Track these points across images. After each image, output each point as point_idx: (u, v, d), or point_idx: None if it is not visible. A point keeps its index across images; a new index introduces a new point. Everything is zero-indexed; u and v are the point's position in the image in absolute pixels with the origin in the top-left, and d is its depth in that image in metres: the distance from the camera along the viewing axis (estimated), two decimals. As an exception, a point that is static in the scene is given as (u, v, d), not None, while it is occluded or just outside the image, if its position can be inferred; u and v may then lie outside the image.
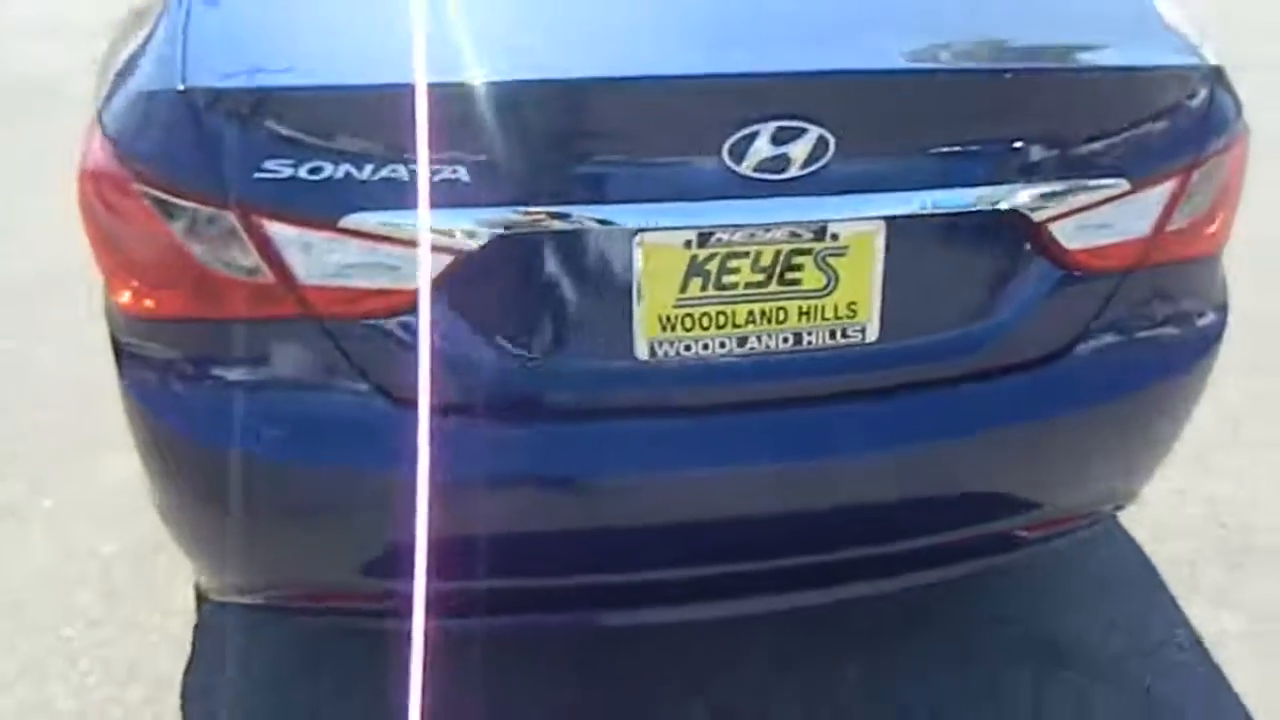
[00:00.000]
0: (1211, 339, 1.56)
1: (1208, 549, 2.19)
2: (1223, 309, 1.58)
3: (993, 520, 1.54)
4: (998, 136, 1.33)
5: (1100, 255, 1.42)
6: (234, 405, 1.32)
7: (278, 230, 1.23)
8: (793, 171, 1.26)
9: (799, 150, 1.25)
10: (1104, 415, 1.49)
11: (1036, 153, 1.34)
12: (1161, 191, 1.42)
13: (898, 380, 1.42)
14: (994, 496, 1.51)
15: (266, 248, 1.24)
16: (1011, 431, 1.45)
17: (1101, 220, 1.39)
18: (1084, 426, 1.49)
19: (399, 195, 1.21)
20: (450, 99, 1.21)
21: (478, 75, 1.21)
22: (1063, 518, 1.61)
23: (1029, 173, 1.34)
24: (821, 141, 1.24)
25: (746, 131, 1.23)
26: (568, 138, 1.25)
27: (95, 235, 1.33)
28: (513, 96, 1.22)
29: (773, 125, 1.23)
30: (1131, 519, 2.15)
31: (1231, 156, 1.48)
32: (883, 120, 1.28)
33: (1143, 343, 1.51)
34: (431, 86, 1.20)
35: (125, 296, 1.33)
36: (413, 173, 1.21)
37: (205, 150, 1.22)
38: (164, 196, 1.24)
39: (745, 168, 1.25)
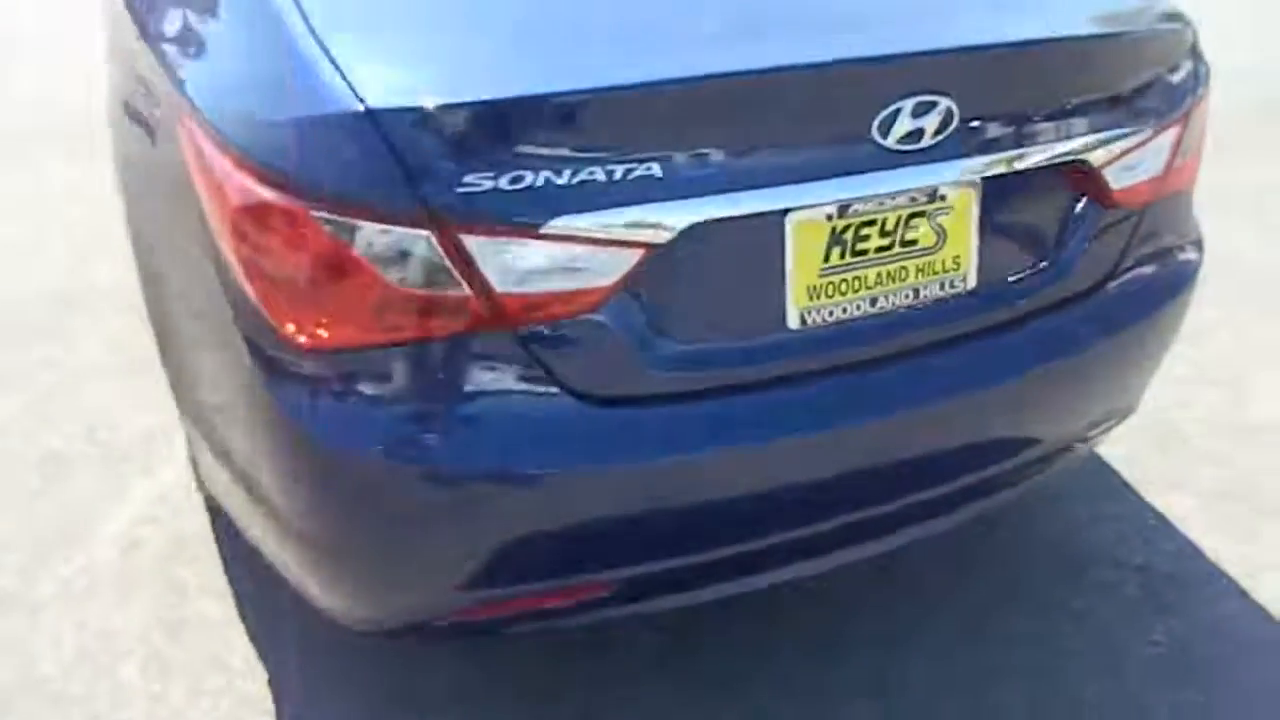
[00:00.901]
0: (1200, 259, 1.84)
1: (1142, 444, 2.53)
2: (1200, 239, 1.87)
3: (1061, 435, 1.76)
4: (1066, 97, 1.53)
5: (1132, 193, 1.65)
6: (427, 425, 1.31)
7: (477, 243, 1.24)
8: (925, 141, 1.40)
9: (931, 122, 1.39)
10: (1139, 332, 1.73)
11: (1093, 109, 1.55)
12: (1171, 134, 1.67)
13: (991, 322, 1.60)
14: (1066, 413, 1.72)
15: (463, 262, 1.25)
16: (1080, 355, 1.66)
17: (1135, 162, 1.62)
18: (1126, 343, 1.72)
19: (598, 197, 1.26)
20: (629, 103, 1.27)
21: (651, 77, 1.28)
22: (1100, 427, 1.85)
23: (1089, 127, 1.55)
24: (948, 112, 1.40)
25: (893, 107, 1.36)
26: (733, 130, 1.33)
27: (257, 272, 1.28)
28: (684, 96, 1.29)
29: (913, 100, 1.37)
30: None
31: (1206, 103, 1.76)
32: (988, 89, 1.45)
33: (1160, 266, 1.76)
34: (616, 89, 1.26)
35: (295, 329, 1.28)
36: (610, 173, 1.26)
37: (396, 170, 1.21)
38: (351, 222, 1.22)
39: (890, 141, 1.38)
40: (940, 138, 1.41)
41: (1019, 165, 1.51)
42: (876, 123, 1.36)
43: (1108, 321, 1.69)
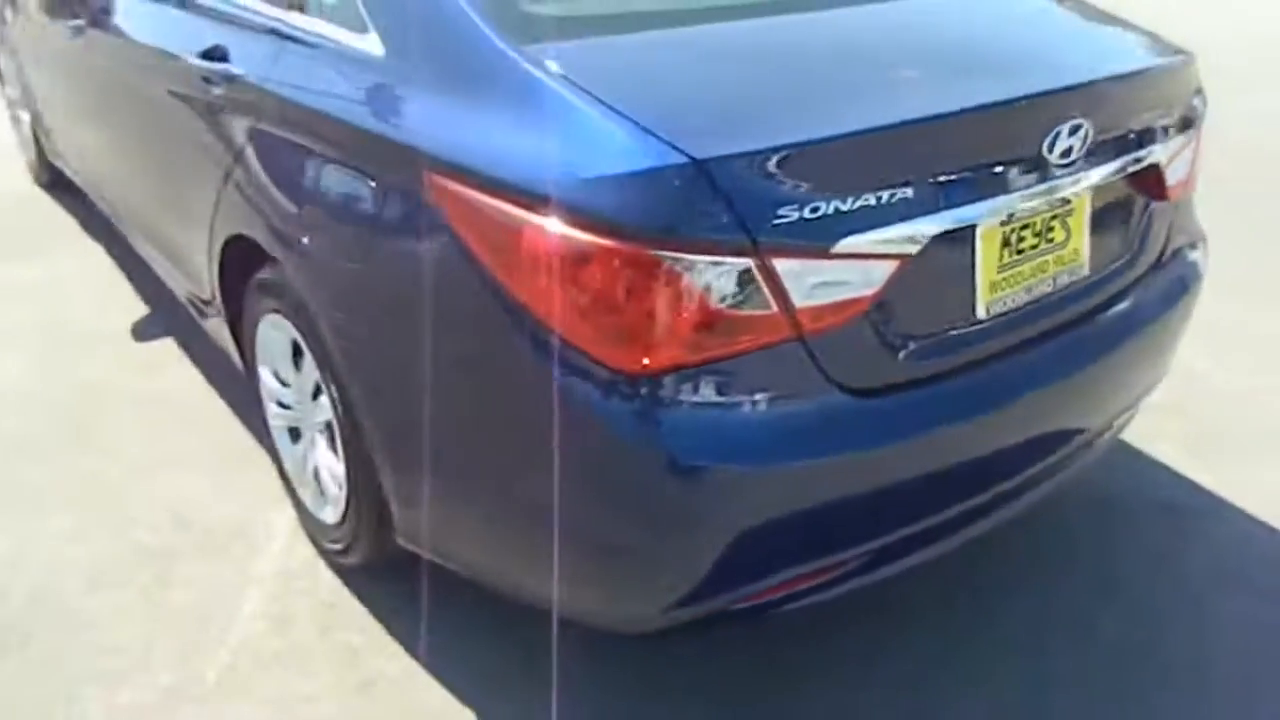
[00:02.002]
0: (1206, 246, 2.27)
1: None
2: (1202, 230, 2.30)
3: (1139, 395, 2.12)
4: (1149, 114, 1.91)
5: (1175, 190, 2.05)
6: (743, 428, 1.51)
7: (784, 266, 1.46)
8: (1071, 157, 1.73)
9: (1077, 140, 1.72)
10: (1183, 303, 2.12)
11: (1162, 123, 1.94)
12: (1194, 144, 2.09)
13: (1099, 300, 1.94)
14: (1143, 380, 2.09)
15: (775, 284, 1.47)
16: (1155, 324, 2.03)
17: (1179, 165, 2.02)
18: (1178, 313, 2.11)
19: (871, 218, 1.51)
20: (888, 139, 1.53)
21: (900, 119, 1.55)
22: (1154, 388, 2.23)
23: (1160, 137, 1.93)
24: (1086, 132, 1.73)
25: (1056, 130, 1.68)
26: (954, 155, 1.61)
27: (581, 311, 1.45)
28: (926, 131, 1.57)
29: (1069, 123, 1.69)
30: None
31: None
32: (1107, 111, 1.79)
33: (1189, 250, 2.18)
34: (878, 129, 1.52)
35: (625, 358, 1.45)
36: (878, 197, 1.51)
37: (722, 209, 1.42)
38: (686, 258, 1.42)
39: (1053, 157, 1.70)
40: (1080, 153, 1.74)
41: (1122, 170, 1.87)
42: (1046, 143, 1.68)
43: (1167, 296, 2.08)
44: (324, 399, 2.08)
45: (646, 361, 1.46)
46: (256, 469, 2.64)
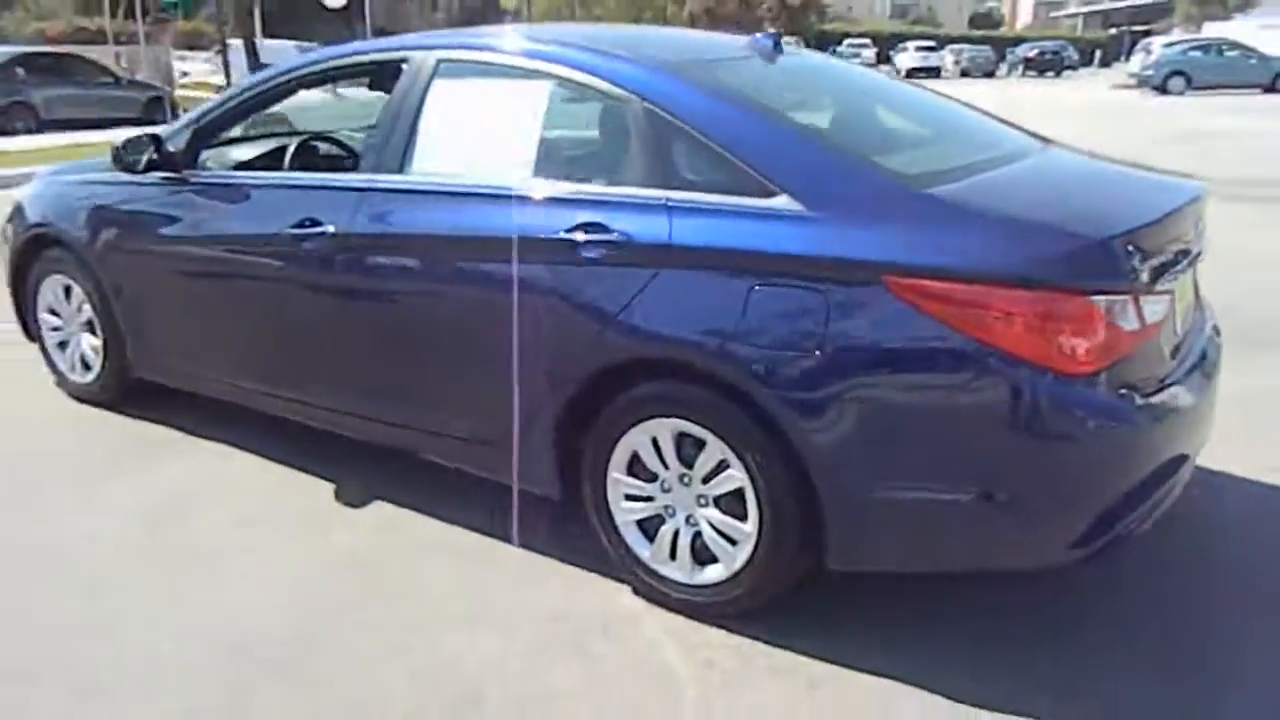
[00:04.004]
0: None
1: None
2: None
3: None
4: (1203, 215, 3.11)
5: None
6: (1131, 403, 2.46)
7: (1144, 300, 2.47)
8: (1200, 238, 2.88)
9: (1201, 228, 2.88)
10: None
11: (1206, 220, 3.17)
12: (1201, 232, 3.35)
13: (1203, 330, 3.08)
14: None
15: (1139, 311, 2.45)
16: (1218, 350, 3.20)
17: (1202, 247, 3.27)
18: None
19: (1163, 270, 2.56)
20: (1165, 223, 2.61)
21: (1162, 212, 2.66)
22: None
23: (1205, 230, 3.15)
24: (1202, 224, 2.89)
25: (1198, 221, 2.83)
26: (1176, 232, 2.71)
27: (1047, 342, 2.34)
28: (1171, 217, 2.67)
29: (1197, 219, 2.85)
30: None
31: None
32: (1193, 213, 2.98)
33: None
34: (1162, 216, 2.60)
35: (1076, 367, 2.36)
36: (1164, 257, 2.54)
37: (1119, 267, 2.41)
38: (1111, 300, 2.38)
39: (1194, 237, 2.83)
40: (1199, 238, 2.90)
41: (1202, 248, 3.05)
42: (1195, 227, 2.82)
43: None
44: (730, 471, 2.70)
45: (1090, 367, 2.37)
46: (568, 577, 3.09)
